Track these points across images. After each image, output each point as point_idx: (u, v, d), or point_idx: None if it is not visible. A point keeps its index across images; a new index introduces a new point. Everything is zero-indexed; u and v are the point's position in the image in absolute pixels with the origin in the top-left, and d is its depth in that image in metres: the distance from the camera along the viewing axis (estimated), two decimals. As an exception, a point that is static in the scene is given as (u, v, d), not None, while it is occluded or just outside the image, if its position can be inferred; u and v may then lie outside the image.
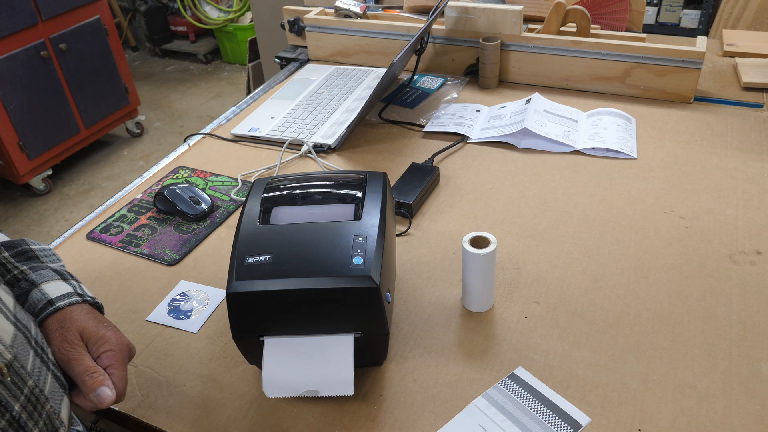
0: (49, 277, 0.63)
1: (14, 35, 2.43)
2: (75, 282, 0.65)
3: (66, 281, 0.64)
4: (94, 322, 0.61)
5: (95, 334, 0.60)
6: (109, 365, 0.59)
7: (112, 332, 0.61)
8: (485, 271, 0.74)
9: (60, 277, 0.64)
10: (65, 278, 0.64)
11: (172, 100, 3.58)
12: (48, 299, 0.61)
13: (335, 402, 0.68)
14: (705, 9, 2.63)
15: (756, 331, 0.73)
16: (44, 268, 0.64)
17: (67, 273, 0.65)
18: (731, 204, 0.94)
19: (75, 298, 0.62)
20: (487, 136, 1.14)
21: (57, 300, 0.61)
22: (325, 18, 1.47)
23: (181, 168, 1.12)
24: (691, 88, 1.21)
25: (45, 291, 0.61)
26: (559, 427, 0.63)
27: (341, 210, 0.70)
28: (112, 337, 0.61)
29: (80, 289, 0.64)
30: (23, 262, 0.64)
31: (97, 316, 0.62)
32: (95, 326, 0.61)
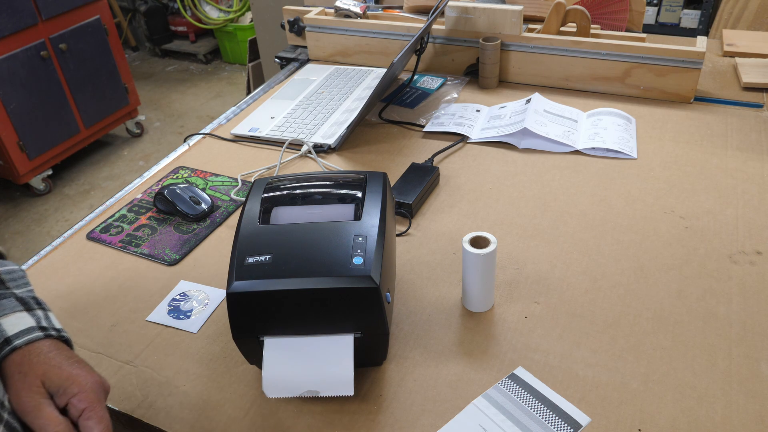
0: (10, 309, 0.56)
1: (14, 35, 2.43)
2: (41, 312, 0.58)
3: (30, 311, 0.57)
4: (59, 360, 0.54)
5: (59, 376, 0.53)
6: (84, 408, 0.52)
7: (80, 370, 0.54)
8: (485, 271, 0.74)
9: (23, 307, 0.57)
10: (29, 308, 0.58)
11: (172, 100, 3.58)
12: (5, 337, 0.54)
13: (335, 402, 0.68)
14: (705, 9, 2.63)
15: (756, 331, 0.73)
16: (7, 296, 0.58)
17: (33, 301, 0.59)
18: (731, 204, 0.94)
19: (36, 334, 0.55)
20: (487, 136, 1.14)
21: (14, 338, 0.54)
22: (325, 18, 1.47)
23: (181, 168, 1.12)
24: (691, 88, 1.21)
25: (2, 327, 0.55)
26: (559, 427, 0.63)
27: (341, 210, 0.70)
28: (80, 376, 0.54)
29: (46, 321, 0.58)
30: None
31: (62, 353, 0.55)
32: (60, 367, 0.53)
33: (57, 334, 0.57)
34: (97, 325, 0.80)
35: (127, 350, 0.76)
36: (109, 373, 0.73)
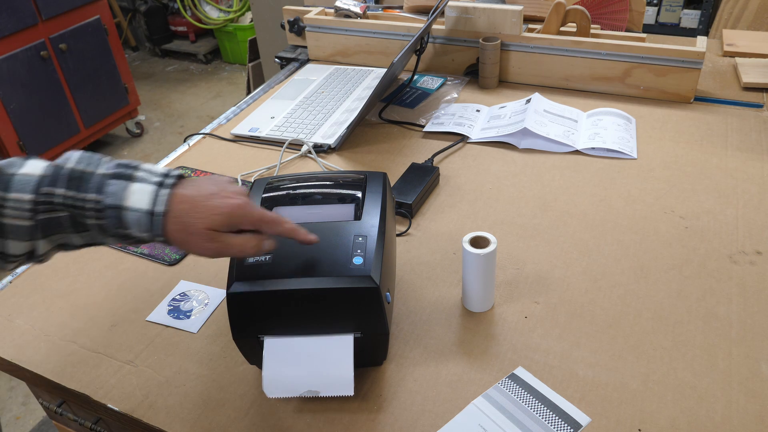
0: (121, 189, 0.57)
1: (14, 35, 2.43)
2: (141, 172, 0.58)
3: (132, 180, 0.57)
4: (200, 208, 0.57)
5: (219, 221, 0.57)
6: (251, 228, 0.59)
7: (220, 200, 0.58)
8: (485, 271, 0.74)
9: (124, 180, 0.57)
10: (129, 177, 0.57)
11: (172, 100, 3.58)
12: (146, 212, 0.56)
13: (335, 402, 0.68)
14: (705, 9, 2.62)
15: (756, 331, 0.73)
16: (103, 180, 0.57)
17: (123, 167, 0.58)
18: (731, 204, 0.94)
19: (163, 194, 0.57)
20: (487, 136, 1.14)
21: (153, 208, 0.56)
22: (325, 18, 1.47)
23: (181, 168, 1.12)
24: (691, 88, 1.21)
25: (136, 206, 0.56)
26: (559, 427, 0.63)
27: (341, 210, 0.70)
28: (227, 207, 0.57)
29: (152, 180, 0.58)
30: (83, 191, 0.57)
31: (194, 199, 0.57)
32: (210, 212, 0.57)
33: (173, 180, 0.58)
34: (97, 325, 0.80)
35: (127, 350, 0.76)
36: (109, 373, 0.73)
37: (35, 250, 0.59)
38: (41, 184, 0.56)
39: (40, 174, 0.57)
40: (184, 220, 0.57)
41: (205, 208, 0.57)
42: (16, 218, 0.56)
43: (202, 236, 0.57)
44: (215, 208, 0.57)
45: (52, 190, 0.56)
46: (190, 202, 0.57)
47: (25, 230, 0.57)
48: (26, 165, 0.57)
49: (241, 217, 0.58)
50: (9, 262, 0.59)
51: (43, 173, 0.57)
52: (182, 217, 0.57)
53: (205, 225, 0.57)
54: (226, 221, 0.58)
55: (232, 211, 0.58)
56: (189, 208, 0.57)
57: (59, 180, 0.56)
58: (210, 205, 0.57)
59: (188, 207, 0.57)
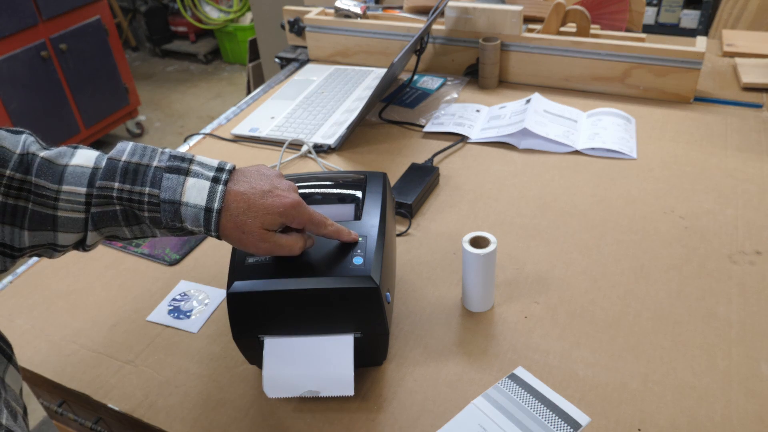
0: (177, 183, 0.56)
1: (14, 35, 2.43)
2: (195, 166, 0.58)
3: (187, 174, 0.57)
4: (255, 207, 0.57)
5: (271, 220, 0.58)
6: (302, 228, 0.61)
7: (273, 199, 0.58)
8: (485, 271, 0.74)
9: (180, 174, 0.57)
10: (185, 172, 0.57)
11: (173, 101, 3.58)
12: (203, 208, 0.56)
13: (335, 402, 0.68)
14: (705, 9, 2.63)
15: (756, 331, 0.73)
16: (159, 174, 0.57)
17: (178, 160, 0.58)
18: (731, 204, 0.94)
19: (219, 190, 0.57)
20: (487, 136, 1.15)
21: (211, 207, 0.56)
22: (325, 18, 1.47)
23: (181, 168, 1.12)
24: (691, 88, 1.21)
25: (192, 202, 0.56)
26: (559, 427, 0.63)
27: (341, 210, 0.70)
28: (279, 206, 0.58)
29: (206, 174, 0.57)
30: (140, 184, 0.56)
31: (246, 196, 0.58)
32: (263, 211, 0.57)
33: (227, 176, 0.58)
34: (97, 325, 0.80)
35: (127, 350, 0.76)
36: (110, 373, 0.74)
37: (84, 240, 0.59)
38: (95, 176, 0.56)
39: (93, 166, 0.57)
40: (239, 219, 0.57)
41: (260, 207, 0.58)
42: (70, 211, 0.56)
43: (255, 235, 0.58)
44: (270, 207, 0.58)
45: (109, 184, 0.56)
46: (246, 201, 0.58)
47: (78, 223, 0.57)
48: (77, 155, 0.58)
49: (293, 217, 0.60)
50: (57, 251, 0.60)
51: (96, 165, 0.57)
52: (238, 215, 0.57)
53: (260, 224, 0.58)
54: (279, 220, 0.59)
55: (285, 210, 0.59)
56: (245, 207, 0.58)
57: (115, 173, 0.56)
58: (265, 204, 0.58)
59: (244, 206, 0.58)
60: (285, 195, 0.59)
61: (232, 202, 0.57)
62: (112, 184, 0.56)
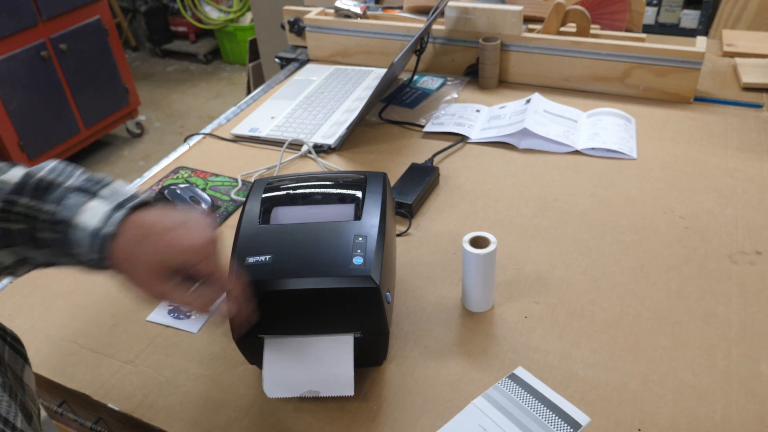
0: (77, 204, 0.51)
1: (15, 35, 2.43)
2: (106, 190, 0.53)
3: (93, 197, 0.52)
4: (161, 239, 0.50)
5: (174, 256, 0.50)
6: (206, 277, 0.52)
7: (187, 234, 0.51)
8: (485, 271, 0.74)
9: (86, 195, 0.52)
10: (90, 192, 0.52)
11: (172, 101, 3.58)
12: (89, 231, 0.50)
13: (335, 402, 0.68)
14: (705, 9, 2.62)
15: (756, 331, 0.73)
16: (66, 193, 0.52)
17: (91, 182, 0.53)
18: (731, 204, 0.94)
19: (118, 215, 0.51)
20: (487, 136, 1.15)
21: (101, 228, 0.50)
22: (325, 18, 1.47)
23: (181, 168, 1.13)
24: (691, 88, 1.21)
25: (83, 224, 0.50)
26: (559, 427, 0.63)
27: (341, 210, 0.70)
28: (192, 247, 0.51)
29: (114, 200, 0.52)
30: (44, 201, 0.52)
31: (155, 226, 0.51)
32: (168, 245, 0.50)
33: (137, 202, 0.53)
34: (97, 325, 0.80)
35: (127, 350, 0.76)
36: (110, 373, 0.74)
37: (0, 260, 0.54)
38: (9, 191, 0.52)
39: (15, 182, 0.53)
40: (133, 249, 0.50)
41: (161, 239, 0.50)
42: None
43: (148, 272, 0.50)
44: (172, 241, 0.50)
45: (16, 199, 0.52)
46: (146, 229, 0.50)
47: None
48: (9, 172, 0.54)
49: (196, 260, 0.51)
50: None
51: (18, 181, 0.53)
52: (132, 245, 0.50)
53: (154, 261, 0.50)
54: (179, 260, 0.51)
55: (189, 249, 0.51)
56: (142, 236, 0.50)
57: (26, 188, 0.52)
58: (167, 238, 0.50)
59: (141, 234, 0.50)
60: (196, 231, 0.51)
61: (130, 229, 0.50)
62: (18, 198, 0.51)
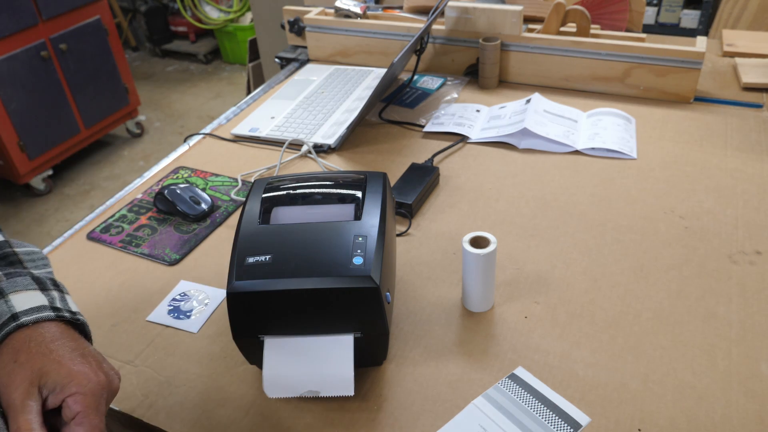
0: (23, 286, 0.52)
1: (14, 35, 2.43)
2: (56, 293, 0.54)
3: (44, 291, 0.53)
4: (62, 353, 0.49)
5: (58, 372, 0.47)
6: (78, 412, 0.46)
7: (84, 366, 0.48)
8: (485, 271, 0.74)
9: (38, 286, 0.53)
10: (44, 287, 0.53)
11: (172, 100, 3.58)
12: (11, 313, 0.50)
13: (335, 402, 0.68)
14: (705, 9, 2.63)
15: (756, 331, 0.73)
16: (23, 275, 0.54)
17: (50, 282, 0.55)
18: (731, 204, 0.94)
19: (47, 314, 0.51)
20: (487, 136, 1.14)
21: (22, 314, 0.50)
22: (325, 18, 1.47)
23: (181, 168, 1.13)
24: (691, 88, 1.21)
25: (11, 303, 0.51)
26: (559, 427, 0.63)
27: (341, 210, 0.70)
28: (81, 374, 0.48)
29: (60, 302, 0.53)
30: (3, 268, 0.54)
31: (68, 342, 0.50)
32: (60, 362, 0.48)
33: (71, 317, 0.52)
34: (97, 325, 0.80)
35: (127, 350, 0.76)
36: (110, 373, 0.73)
37: None
38: None
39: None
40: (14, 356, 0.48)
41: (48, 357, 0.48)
42: None
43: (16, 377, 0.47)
44: (60, 360, 0.48)
45: None
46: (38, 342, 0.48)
47: None
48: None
49: (74, 391, 0.47)
50: None
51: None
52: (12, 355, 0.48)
53: (33, 368, 0.47)
54: (58, 380, 0.47)
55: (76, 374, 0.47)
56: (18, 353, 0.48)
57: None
58: (55, 357, 0.48)
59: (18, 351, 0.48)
60: (95, 365, 0.49)
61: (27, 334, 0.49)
62: None
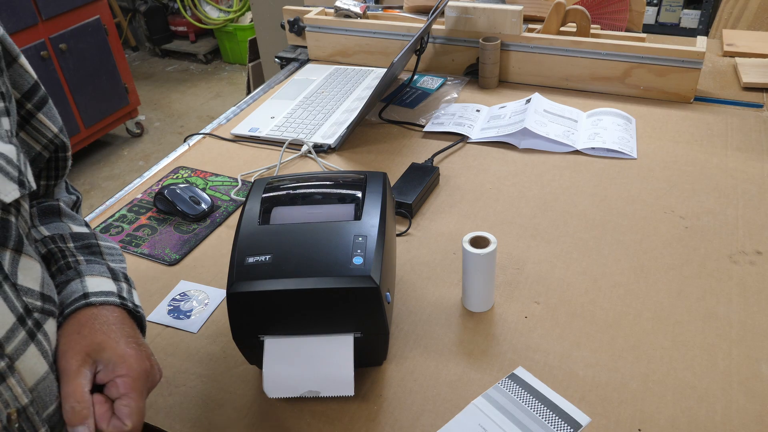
0: (99, 273, 0.58)
1: (14, 35, 2.43)
2: (126, 285, 0.59)
3: (116, 281, 0.58)
4: (120, 335, 0.53)
5: (114, 351, 0.51)
6: (123, 394, 0.50)
7: (136, 351, 0.53)
8: (485, 271, 0.74)
9: (111, 276, 0.58)
10: (116, 278, 0.59)
11: (172, 100, 3.58)
12: (84, 292, 0.55)
13: (335, 402, 0.68)
14: (705, 9, 2.63)
15: (756, 331, 0.73)
16: (101, 263, 0.59)
17: (122, 274, 0.60)
18: (731, 204, 0.94)
19: (113, 299, 0.56)
20: (487, 136, 1.14)
21: (93, 295, 0.54)
22: (325, 18, 1.47)
23: (181, 168, 1.12)
24: (691, 88, 1.21)
25: (86, 283, 0.56)
26: (559, 427, 0.63)
27: (341, 210, 0.70)
28: (133, 357, 0.52)
29: (127, 294, 0.58)
30: (83, 255, 0.59)
31: (126, 329, 0.54)
32: (117, 342, 0.52)
33: (133, 308, 0.57)
34: (97, 325, 0.80)
35: (127, 350, 0.76)
36: (109, 373, 0.73)
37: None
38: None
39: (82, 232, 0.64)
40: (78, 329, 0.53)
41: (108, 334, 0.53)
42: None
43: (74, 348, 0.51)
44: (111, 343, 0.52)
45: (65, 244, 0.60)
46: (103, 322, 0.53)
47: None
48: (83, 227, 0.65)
49: (122, 373, 0.51)
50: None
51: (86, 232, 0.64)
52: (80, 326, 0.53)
53: (88, 342, 0.51)
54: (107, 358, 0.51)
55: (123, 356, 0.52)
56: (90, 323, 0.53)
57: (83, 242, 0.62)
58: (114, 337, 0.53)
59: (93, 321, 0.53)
60: (143, 351, 0.54)
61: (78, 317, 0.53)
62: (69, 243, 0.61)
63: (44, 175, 0.63)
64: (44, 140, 0.59)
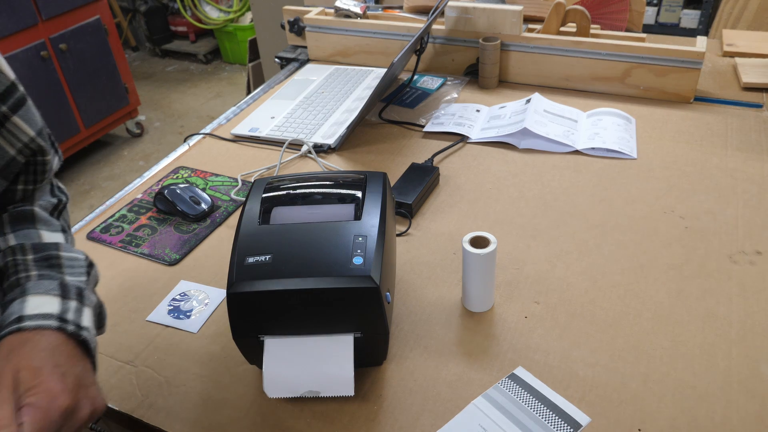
0: (45, 291, 0.53)
1: (14, 35, 2.43)
2: (75, 303, 0.54)
3: (63, 299, 0.53)
4: (47, 362, 0.49)
5: (32, 379, 0.47)
6: (21, 423, 0.45)
7: (56, 384, 0.47)
8: (485, 271, 0.74)
9: (59, 293, 0.54)
10: (66, 296, 0.54)
11: (172, 100, 3.58)
12: (19, 315, 0.51)
13: (335, 402, 0.68)
14: (705, 9, 2.63)
15: (756, 331, 0.73)
16: (54, 278, 0.55)
17: (75, 291, 0.55)
18: (731, 204, 0.94)
19: (49, 322, 0.51)
20: (487, 136, 1.14)
21: (27, 318, 0.51)
22: (325, 18, 1.47)
23: (181, 168, 1.13)
24: (691, 88, 1.21)
25: (25, 305, 0.52)
26: (559, 427, 0.63)
27: (341, 210, 0.70)
28: (47, 389, 0.47)
29: (73, 314, 0.53)
30: (40, 269, 0.56)
31: (58, 356, 0.50)
32: (40, 369, 0.48)
33: (73, 330, 0.52)
34: (97, 325, 0.80)
35: (127, 350, 0.76)
36: (109, 373, 0.73)
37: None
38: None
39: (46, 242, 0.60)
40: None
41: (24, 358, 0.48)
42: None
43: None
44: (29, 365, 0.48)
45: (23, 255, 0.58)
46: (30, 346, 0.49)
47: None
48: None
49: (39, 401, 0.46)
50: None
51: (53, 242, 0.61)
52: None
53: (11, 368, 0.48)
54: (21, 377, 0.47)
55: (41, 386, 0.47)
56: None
57: (42, 254, 0.58)
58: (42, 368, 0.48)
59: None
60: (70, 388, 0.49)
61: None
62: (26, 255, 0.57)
63: (22, 180, 0.60)
64: (19, 144, 0.57)
